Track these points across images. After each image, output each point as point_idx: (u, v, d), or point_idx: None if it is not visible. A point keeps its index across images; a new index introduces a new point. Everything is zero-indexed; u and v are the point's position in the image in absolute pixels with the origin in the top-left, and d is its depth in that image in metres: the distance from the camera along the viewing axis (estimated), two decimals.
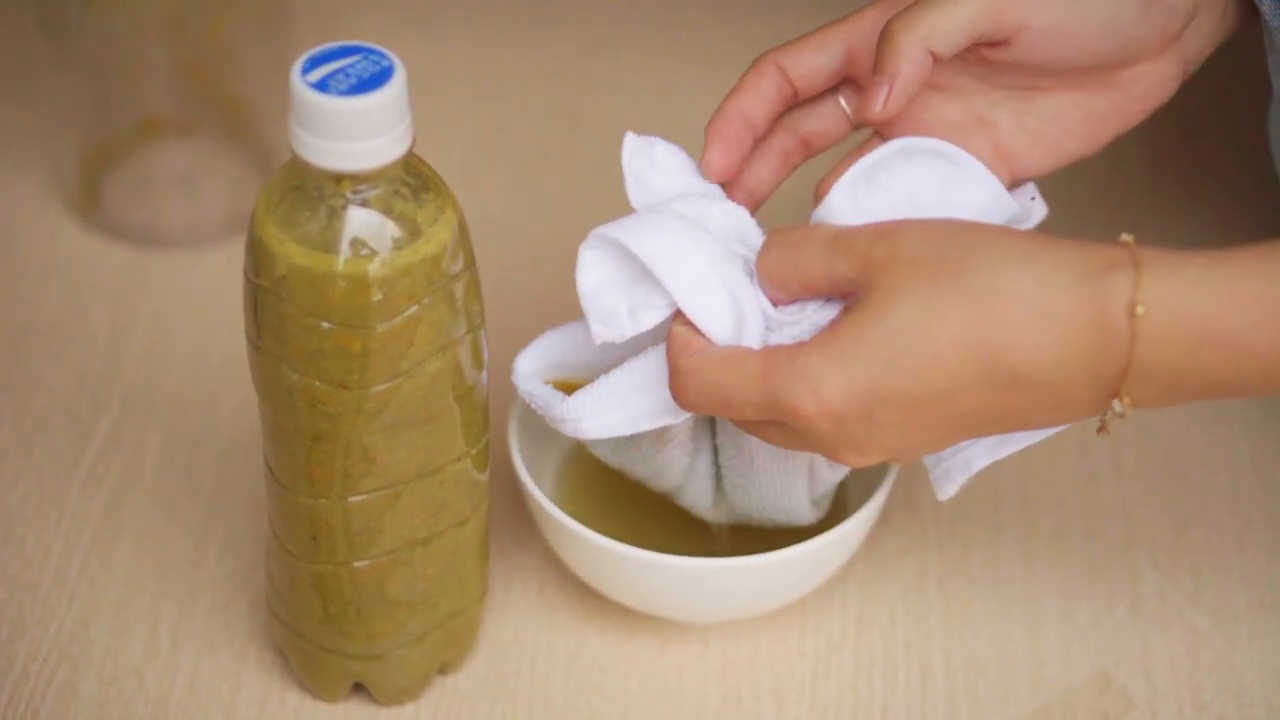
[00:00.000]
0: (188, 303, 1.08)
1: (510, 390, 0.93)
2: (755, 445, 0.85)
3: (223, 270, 1.09)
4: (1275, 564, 0.96)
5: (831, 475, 0.87)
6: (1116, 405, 0.75)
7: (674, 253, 0.80)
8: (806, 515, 0.88)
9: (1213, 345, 0.74)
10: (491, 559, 0.91)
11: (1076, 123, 0.85)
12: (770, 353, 0.77)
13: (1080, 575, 0.95)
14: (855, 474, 0.94)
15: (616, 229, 0.81)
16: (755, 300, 0.80)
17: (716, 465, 0.88)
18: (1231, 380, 0.75)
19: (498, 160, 1.16)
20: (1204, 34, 0.86)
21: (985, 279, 0.75)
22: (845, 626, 0.93)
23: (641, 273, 0.81)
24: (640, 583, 0.88)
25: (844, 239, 0.78)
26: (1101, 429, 0.78)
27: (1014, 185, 0.86)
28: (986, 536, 0.97)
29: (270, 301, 0.79)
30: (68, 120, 1.11)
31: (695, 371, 0.79)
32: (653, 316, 0.81)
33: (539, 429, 0.94)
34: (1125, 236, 0.76)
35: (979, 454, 0.83)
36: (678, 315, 0.80)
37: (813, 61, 0.86)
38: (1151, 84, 0.85)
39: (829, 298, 0.80)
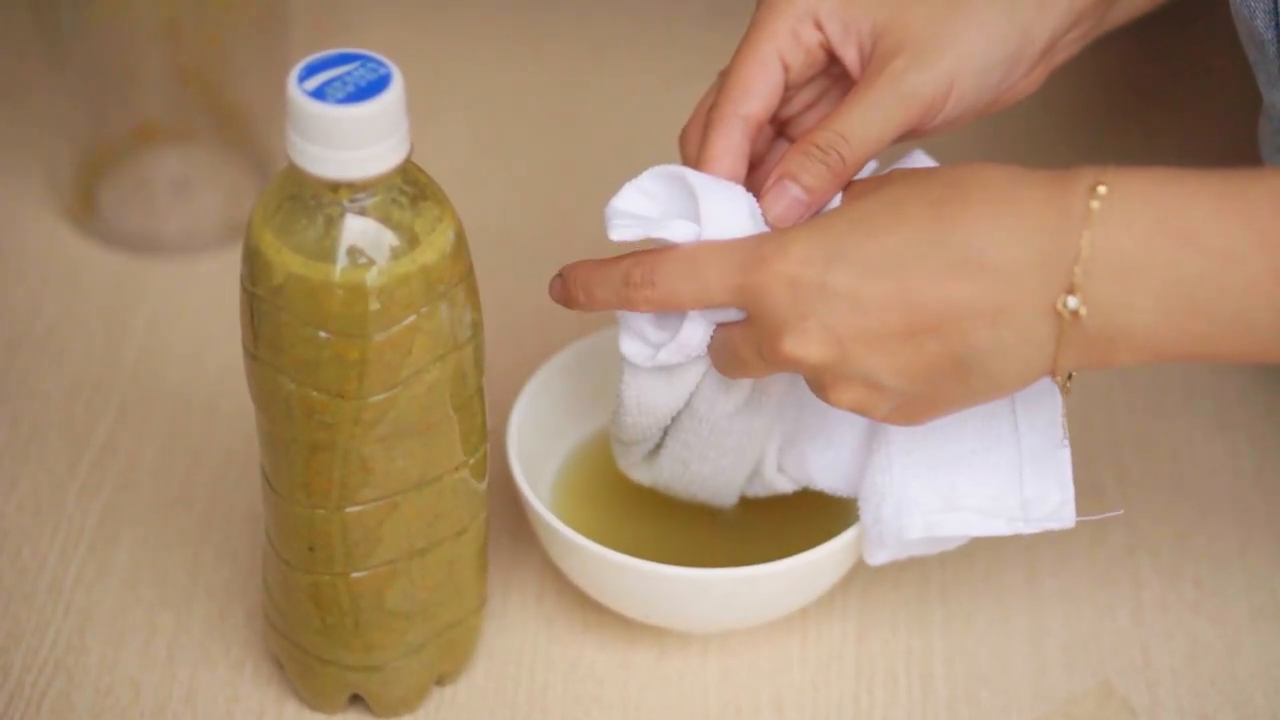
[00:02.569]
0: (184, 310, 1.08)
1: (508, 399, 0.93)
2: (718, 419, 0.86)
3: (219, 277, 1.09)
4: (1278, 573, 0.95)
5: (774, 481, 0.89)
6: (1071, 301, 0.74)
7: (733, 211, 0.81)
8: (730, 500, 0.90)
9: (1169, 230, 0.73)
10: (490, 569, 0.91)
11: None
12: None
13: (1082, 584, 0.95)
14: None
15: (685, 170, 0.82)
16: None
17: (664, 431, 0.88)
18: (1186, 280, 0.74)
19: (495, 168, 1.16)
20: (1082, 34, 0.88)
21: (964, 171, 0.77)
22: (846, 636, 0.93)
23: (677, 209, 0.82)
24: (639, 592, 0.88)
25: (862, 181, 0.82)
26: (1062, 384, 0.77)
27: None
28: (988, 545, 0.97)
29: (267, 310, 0.78)
30: (63, 126, 1.11)
31: (676, 250, 0.80)
32: (681, 228, 0.81)
33: (537, 438, 0.93)
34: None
35: (914, 524, 0.84)
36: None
37: (767, 91, 0.86)
38: (1019, 91, 0.87)
39: None
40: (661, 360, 0.83)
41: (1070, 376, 0.78)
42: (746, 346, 0.80)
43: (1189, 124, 1.17)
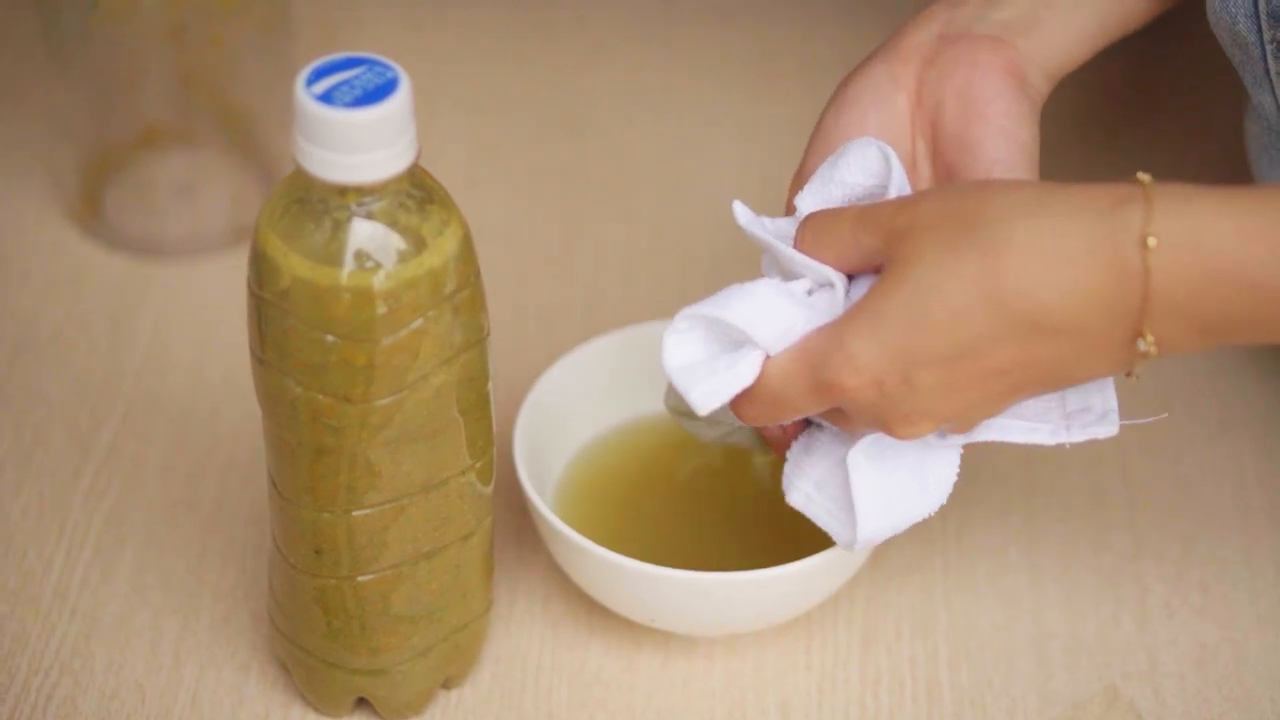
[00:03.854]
0: (189, 314, 1.07)
1: (515, 402, 0.93)
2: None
3: (224, 281, 1.09)
4: None
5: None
6: (1141, 344, 0.76)
7: (766, 309, 0.81)
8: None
9: (1221, 279, 0.75)
10: (496, 572, 0.91)
11: None
12: (805, 340, 0.80)
13: (1087, 589, 0.95)
14: None
15: (704, 306, 0.81)
16: None
17: None
18: (1245, 318, 0.76)
19: (501, 171, 1.16)
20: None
21: (997, 231, 0.77)
22: (851, 641, 0.93)
23: (728, 343, 0.82)
24: (644, 596, 0.88)
25: (869, 213, 0.81)
26: (1130, 374, 0.79)
27: None
28: (993, 549, 0.97)
29: (274, 314, 0.78)
30: (68, 130, 1.11)
31: (750, 389, 0.82)
32: (750, 365, 0.81)
33: (543, 442, 0.93)
34: (1141, 175, 0.77)
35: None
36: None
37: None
38: None
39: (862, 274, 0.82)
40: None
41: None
42: (850, 426, 0.83)
43: (1183, 126, 1.17)
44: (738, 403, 0.82)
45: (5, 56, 1.21)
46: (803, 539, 0.90)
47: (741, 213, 0.84)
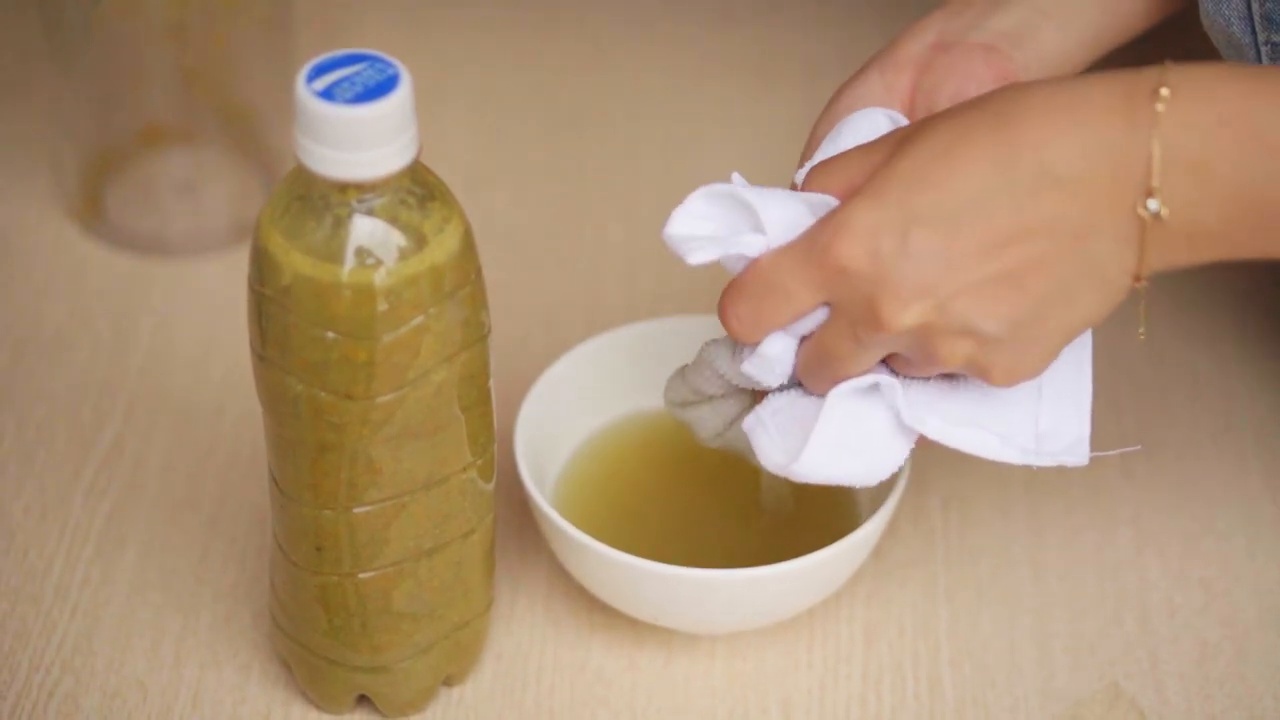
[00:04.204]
0: (191, 311, 1.07)
1: (516, 399, 0.93)
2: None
3: (226, 279, 1.09)
4: None
5: None
6: (1152, 204, 0.74)
7: (781, 199, 0.80)
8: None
9: (1233, 132, 0.74)
10: (497, 570, 0.91)
11: None
12: (806, 230, 0.79)
13: (1089, 586, 0.95)
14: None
15: (721, 186, 0.81)
16: None
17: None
18: (1253, 177, 0.74)
19: (502, 168, 1.16)
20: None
21: (1012, 99, 0.76)
22: (853, 638, 0.93)
23: (735, 232, 0.81)
24: (646, 593, 0.88)
25: (877, 140, 0.80)
26: (1138, 280, 0.77)
27: None
28: (995, 546, 0.96)
29: (275, 311, 0.78)
30: (70, 128, 1.11)
31: (744, 274, 0.80)
32: (752, 242, 0.80)
33: (544, 439, 0.93)
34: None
35: (930, 424, 0.83)
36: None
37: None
38: None
39: None
40: (748, 372, 0.83)
41: (1146, 293, 0.78)
42: (841, 340, 0.79)
43: None
44: (729, 296, 0.80)
45: (7, 55, 1.21)
46: (805, 536, 0.90)
47: (739, 181, 0.83)
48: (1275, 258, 0.77)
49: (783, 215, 0.80)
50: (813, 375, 0.82)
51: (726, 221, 0.81)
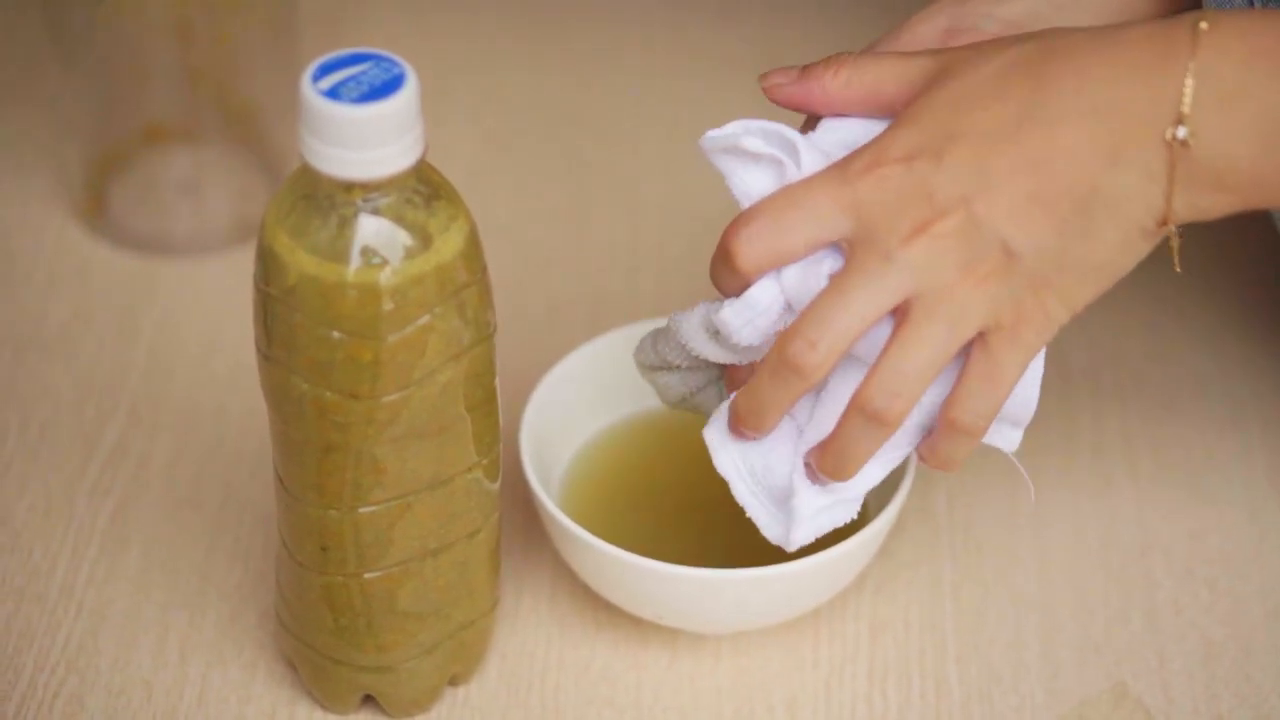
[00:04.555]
0: (195, 310, 1.07)
1: (521, 398, 0.93)
2: None
3: (230, 278, 1.09)
4: None
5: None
6: (1181, 130, 0.75)
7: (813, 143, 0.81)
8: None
9: (1268, 61, 0.75)
10: (502, 569, 0.91)
11: None
12: None
13: (1095, 584, 0.95)
14: None
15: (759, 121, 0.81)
16: None
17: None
18: None
19: (508, 167, 1.16)
20: None
21: (1052, 33, 0.78)
22: (859, 636, 0.93)
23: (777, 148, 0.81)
24: (651, 593, 0.88)
25: (909, 62, 0.80)
26: (1165, 222, 0.77)
27: None
28: (1000, 544, 0.96)
29: (280, 311, 0.78)
30: (74, 127, 1.11)
31: (766, 198, 0.79)
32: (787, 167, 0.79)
33: (549, 438, 0.93)
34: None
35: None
36: None
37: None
38: None
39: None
40: (727, 318, 0.81)
41: (1179, 236, 0.78)
42: (861, 275, 0.77)
43: None
44: (742, 219, 0.79)
45: (11, 53, 1.21)
46: None
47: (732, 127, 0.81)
48: None
49: (818, 154, 0.80)
50: (817, 328, 0.78)
51: (770, 144, 0.80)
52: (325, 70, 0.76)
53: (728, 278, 0.81)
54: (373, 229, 0.77)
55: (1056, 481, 0.99)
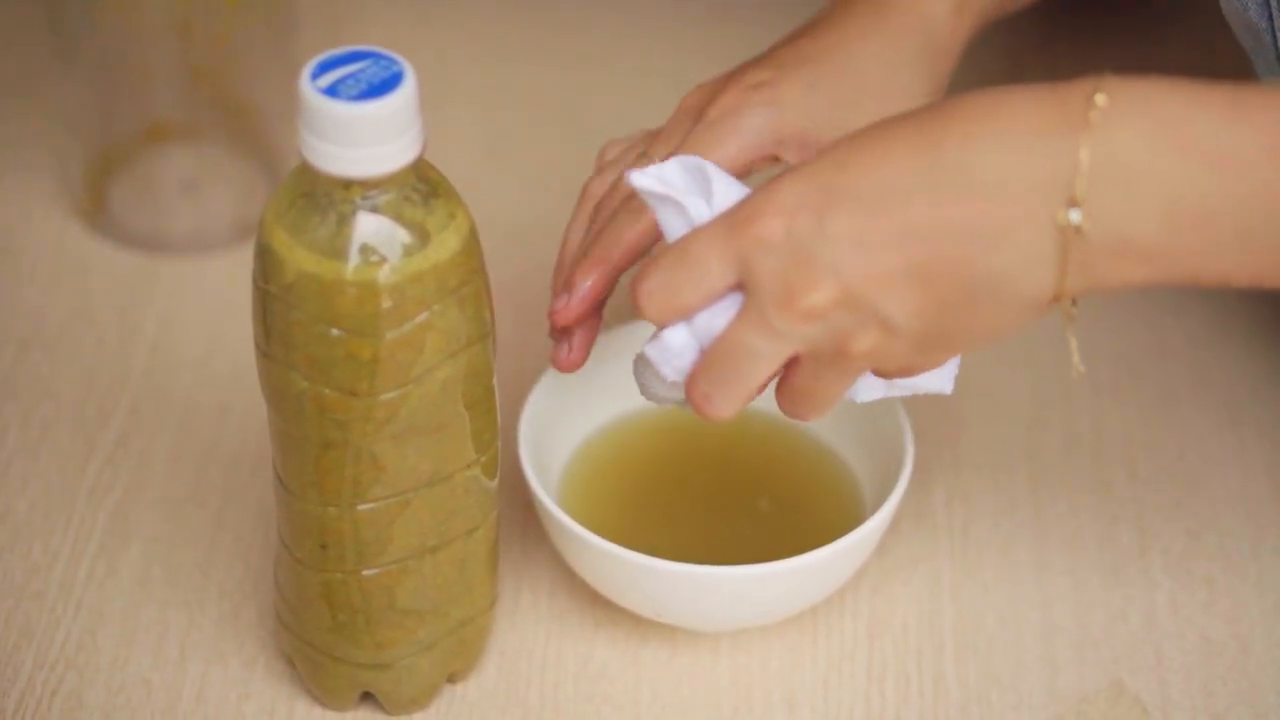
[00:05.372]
0: (195, 309, 1.08)
1: (520, 396, 0.93)
2: None
3: (230, 276, 1.09)
4: None
5: None
6: (1074, 215, 0.71)
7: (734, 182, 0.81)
8: None
9: (1174, 143, 0.70)
10: (501, 567, 0.91)
11: None
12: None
13: (1094, 583, 0.95)
14: (869, 479, 0.94)
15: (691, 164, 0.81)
16: None
17: None
18: (1190, 190, 0.71)
19: (507, 165, 1.16)
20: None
21: (946, 103, 0.74)
22: (857, 635, 0.93)
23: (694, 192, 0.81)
24: (650, 590, 0.88)
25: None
26: (1069, 318, 0.74)
27: None
28: (998, 543, 0.96)
29: (279, 308, 0.78)
30: (74, 125, 1.11)
31: (664, 250, 0.78)
32: (695, 204, 0.80)
33: (548, 435, 0.93)
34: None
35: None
36: None
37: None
38: None
39: None
40: (648, 353, 0.81)
41: (1074, 303, 0.74)
42: (751, 329, 0.77)
43: None
44: (643, 270, 0.78)
45: (11, 52, 1.21)
46: (808, 533, 0.90)
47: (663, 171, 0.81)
48: (1209, 282, 0.73)
49: (730, 192, 0.79)
50: (718, 374, 0.79)
51: (688, 189, 0.80)
52: (324, 68, 0.76)
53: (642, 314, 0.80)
54: (371, 227, 0.77)
55: (1055, 480, 0.99)
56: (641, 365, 0.84)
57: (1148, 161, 0.71)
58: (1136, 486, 0.99)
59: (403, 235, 0.77)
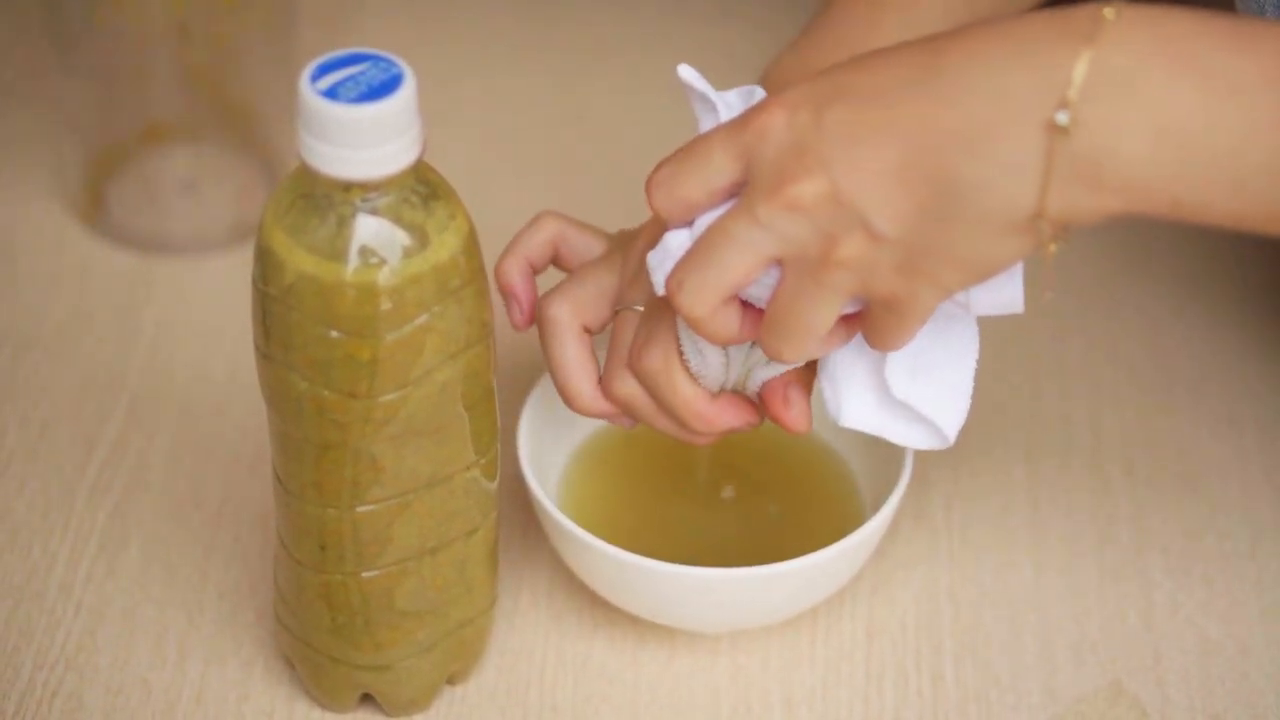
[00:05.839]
0: (193, 309, 1.08)
1: (519, 397, 0.93)
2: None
3: (228, 277, 1.09)
4: None
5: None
6: (1062, 116, 0.71)
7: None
8: None
9: (1172, 58, 0.70)
10: (500, 568, 0.91)
11: None
12: None
13: (1092, 583, 0.95)
14: (868, 481, 0.94)
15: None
16: None
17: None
18: (1182, 107, 0.70)
19: (505, 167, 1.16)
20: None
21: (958, 27, 0.75)
22: (856, 635, 0.93)
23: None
24: (649, 592, 0.88)
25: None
26: (1048, 253, 0.73)
27: None
28: (997, 544, 0.97)
29: (279, 310, 0.78)
30: (73, 126, 1.11)
31: (680, 148, 0.80)
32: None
33: (547, 437, 0.93)
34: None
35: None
36: None
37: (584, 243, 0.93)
38: None
39: None
40: (648, 261, 0.82)
41: (1055, 244, 0.73)
42: (736, 217, 0.77)
43: None
44: (659, 166, 0.80)
45: (10, 52, 1.21)
46: (807, 535, 0.90)
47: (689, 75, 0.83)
48: (1189, 214, 0.72)
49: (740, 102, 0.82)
50: (695, 260, 0.79)
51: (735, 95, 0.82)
52: (324, 70, 0.76)
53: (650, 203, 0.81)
54: (371, 229, 0.77)
55: (1053, 480, 0.99)
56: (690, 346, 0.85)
57: (1142, 74, 0.71)
58: (1135, 487, 0.99)
59: (402, 237, 0.77)
